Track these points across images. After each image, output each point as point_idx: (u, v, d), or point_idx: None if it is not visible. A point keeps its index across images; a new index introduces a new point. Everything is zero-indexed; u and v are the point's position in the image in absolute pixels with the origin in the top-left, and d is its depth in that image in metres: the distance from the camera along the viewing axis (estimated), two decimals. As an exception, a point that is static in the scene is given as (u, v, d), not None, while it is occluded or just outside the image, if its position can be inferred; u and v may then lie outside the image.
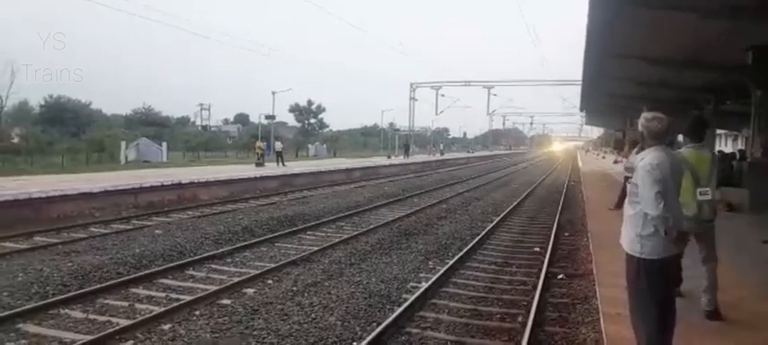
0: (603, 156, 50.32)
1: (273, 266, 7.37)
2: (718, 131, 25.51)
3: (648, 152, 3.21)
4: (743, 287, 5.12)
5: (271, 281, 6.75)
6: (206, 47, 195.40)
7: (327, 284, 6.64)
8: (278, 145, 28.54)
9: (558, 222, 11.41)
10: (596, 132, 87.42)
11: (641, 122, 3.29)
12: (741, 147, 21.87)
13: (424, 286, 6.32)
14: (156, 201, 14.27)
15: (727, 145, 30.56)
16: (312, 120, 79.15)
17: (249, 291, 6.29)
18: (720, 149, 22.39)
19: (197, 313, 5.51)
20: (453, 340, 4.92)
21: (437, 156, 50.10)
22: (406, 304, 5.61)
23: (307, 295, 6.17)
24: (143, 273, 6.90)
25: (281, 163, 26.25)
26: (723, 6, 7.94)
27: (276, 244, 9.10)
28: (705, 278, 4.28)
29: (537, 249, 8.98)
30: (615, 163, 29.77)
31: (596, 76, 16.79)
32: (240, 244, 8.81)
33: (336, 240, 9.27)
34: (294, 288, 6.39)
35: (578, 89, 25.37)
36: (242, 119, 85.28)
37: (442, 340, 4.90)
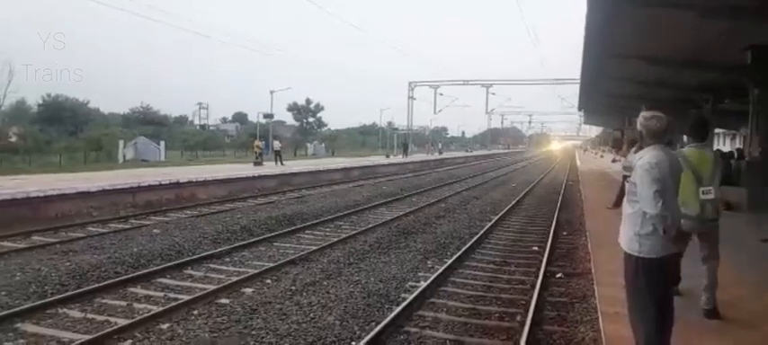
0: (602, 155, 50.37)
1: (272, 265, 7.36)
2: (717, 130, 25.54)
3: (647, 151, 3.20)
4: (741, 285, 5.12)
5: (269, 281, 6.74)
6: (207, 47, 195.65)
7: (326, 283, 6.64)
8: (276, 145, 28.51)
9: (557, 221, 11.41)
10: (595, 131, 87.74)
11: (640, 121, 3.28)
12: (739, 146, 21.93)
13: (423, 285, 6.32)
14: (155, 200, 14.25)
15: (725, 145, 30.59)
16: (310, 119, 79.16)
17: (248, 291, 6.29)
18: (718, 148, 22.39)
19: (195, 312, 5.50)
20: (452, 339, 4.92)
21: (436, 155, 50.15)
22: (405, 303, 5.60)
23: (305, 294, 6.17)
24: (141, 272, 6.89)
25: (279, 163, 26.25)
26: (722, 6, 7.96)
27: (275, 244, 9.09)
28: (705, 276, 4.27)
29: (535, 248, 8.98)
30: (613, 162, 29.82)
31: (595, 76, 16.81)
32: (238, 244, 8.80)
33: (335, 239, 9.27)
34: (293, 288, 6.38)
35: (577, 88, 25.41)
36: (240, 117, 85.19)
37: (441, 340, 4.90)
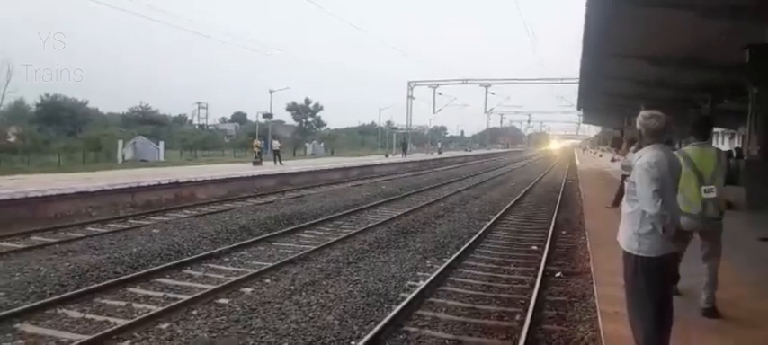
0: (601, 155, 50.40)
1: (271, 265, 7.36)
2: (715, 129, 25.59)
3: (646, 150, 3.20)
4: (741, 285, 5.12)
5: (268, 280, 6.74)
6: (207, 47, 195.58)
7: (325, 283, 6.64)
8: (275, 144, 28.50)
9: (556, 220, 11.42)
10: (594, 130, 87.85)
11: (639, 120, 3.28)
12: (738, 145, 21.94)
13: (422, 284, 6.31)
14: (154, 200, 14.24)
15: (724, 144, 30.63)
16: (310, 119, 79.11)
17: (247, 290, 6.28)
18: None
19: (195, 312, 5.50)
20: (451, 338, 4.92)
21: (435, 155, 50.15)
22: (404, 302, 5.60)
23: (304, 294, 6.16)
24: (140, 272, 6.88)
25: (278, 162, 26.25)
26: (722, 5, 7.97)
27: (274, 243, 9.09)
28: (706, 274, 4.25)
29: (535, 247, 8.99)
30: (612, 161, 29.80)
31: (594, 75, 16.84)
32: (238, 243, 8.79)
33: (334, 239, 9.26)
34: (292, 287, 6.38)
35: (576, 87, 25.46)
36: (239, 117, 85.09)
37: (440, 339, 4.90)
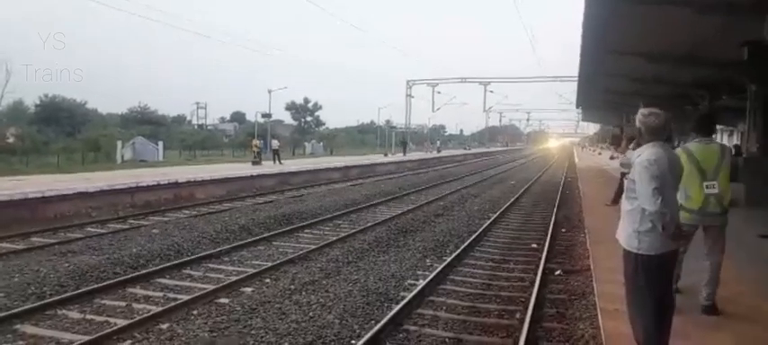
0: (600, 152, 50.46)
1: (271, 265, 7.36)
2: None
3: (646, 148, 3.20)
4: (740, 282, 5.12)
5: (268, 280, 6.74)
6: (207, 47, 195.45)
7: (325, 282, 6.64)
8: (275, 144, 28.48)
9: (555, 218, 11.43)
10: (592, 128, 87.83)
11: (638, 118, 3.27)
12: (737, 142, 21.98)
13: (422, 283, 6.32)
14: (153, 200, 14.24)
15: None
16: (309, 118, 79.07)
17: (247, 290, 6.29)
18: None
19: (195, 312, 5.49)
20: (451, 336, 4.92)
21: (434, 153, 50.15)
22: (404, 301, 5.61)
23: (304, 293, 6.17)
24: (140, 273, 6.88)
25: (277, 162, 26.25)
26: (719, 2, 7.97)
27: (274, 243, 9.09)
28: (707, 271, 4.24)
29: (534, 245, 8.99)
30: (611, 159, 29.83)
31: (592, 73, 16.84)
32: (237, 243, 8.79)
33: (334, 238, 9.26)
34: (292, 287, 6.38)
35: (574, 85, 25.47)
36: (238, 117, 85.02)
37: (440, 337, 4.90)
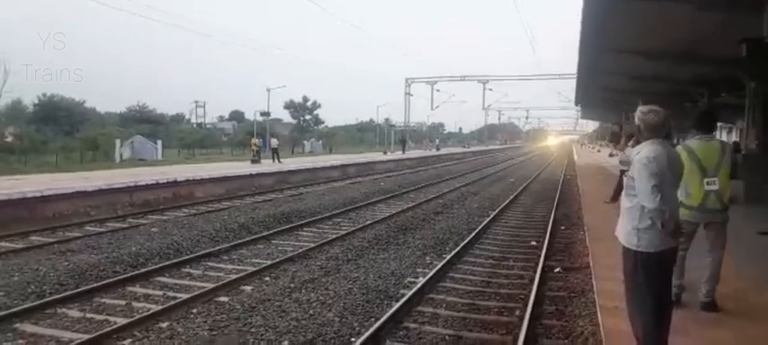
0: (599, 150, 50.50)
1: (270, 263, 7.36)
2: (713, 124, 25.60)
3: (645, 145, 3.20)
4: (740, 279, 5.13)
5: (268, 278, 6.74)
6: (207, 46, 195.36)
7: (325, 280, 6.64)
8: (273, 142, 28.48)
9: (555, 216, 11.44)
10: (592, 126, 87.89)
11: (638, 115, 3.27)
12: (736, 139, 22.01)
13: (422, 281, 6.32)
14: (152, 199, 14.24)
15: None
16: (307, 117, 79.04)
17: (246, 288, 6.29)
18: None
19: (194, 311, 5.50)
20: (451, 334, 4.93)
21: (433, 152, 50.14)
22: (404, 299, 5.61)
23: (304, 291, 6.17)
24: (140, 271, 6.88)
25: (276, 160, 26.24)
26: (718, -2, 7.96)
27: (273, 241, 9.09)
28: (708, 268, 4.24)
29: (534, 243, 9.00)
30: (610, 156, 29.85)
31: (591, 70, 16.84)
32: (237, 242, 8.79)
33: (333, 236, 9.26)
34: (291, 285, 6.38)
35: (573, 83, 25.45)
36: (237, 116, 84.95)
37: (440, 335, 4.90)
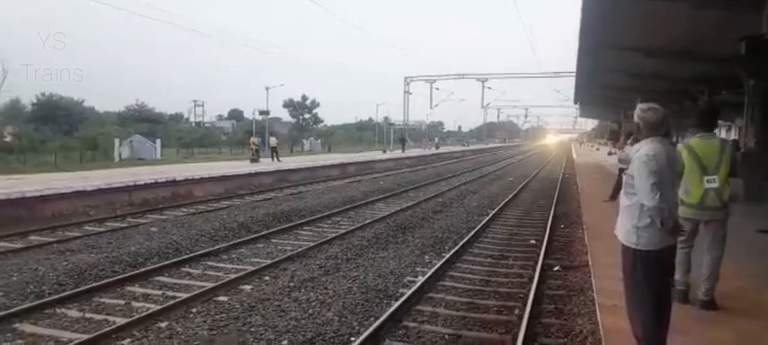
0: (598, 148, 50.51)
1: (270, 262, 7.35)
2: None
3: (644, 143, 3.20)
4: (739, 277, 5.13)
5: (267, 277, 6.73)
6: (207, 46, 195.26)
7: (324, 279, 6.64)
8: (273, 141, 28.48)
9: (554, 214, 11.44)
10: (591, 124, 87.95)
11: (637, 113, 3.27)
12: (735, 137, 22.02)
13: (421, 280, 6.32)
14: (151, 199, 14.22)
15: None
16: (306, 116, 79.02)
17: (246, 288, 6.28)
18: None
19: (194, 310, 5.49)
20: (450, 332, 4.92)
21: (432, 150, 50.12)
22: (403, 298, 5.61)
23: (303, 290, 6.17)
24: (139, 271, 6.87)
25: (275, 159, 26.23)
26: (717, -4, 7.96)
27: (272, 240, 9.08)
28: (707, 266, 4.24)
29: (533, 241, 9.00)
30: (609, 154, 29.85)
31: (591, 68, 16.85)
32: (236, 241, 8.79)
33: (333, 235, 9.26)
34: (291, 284, 6.38)
35: (573, 81, 25.44)
36: (236, 115, 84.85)
37: (440, 334, 4.90)
